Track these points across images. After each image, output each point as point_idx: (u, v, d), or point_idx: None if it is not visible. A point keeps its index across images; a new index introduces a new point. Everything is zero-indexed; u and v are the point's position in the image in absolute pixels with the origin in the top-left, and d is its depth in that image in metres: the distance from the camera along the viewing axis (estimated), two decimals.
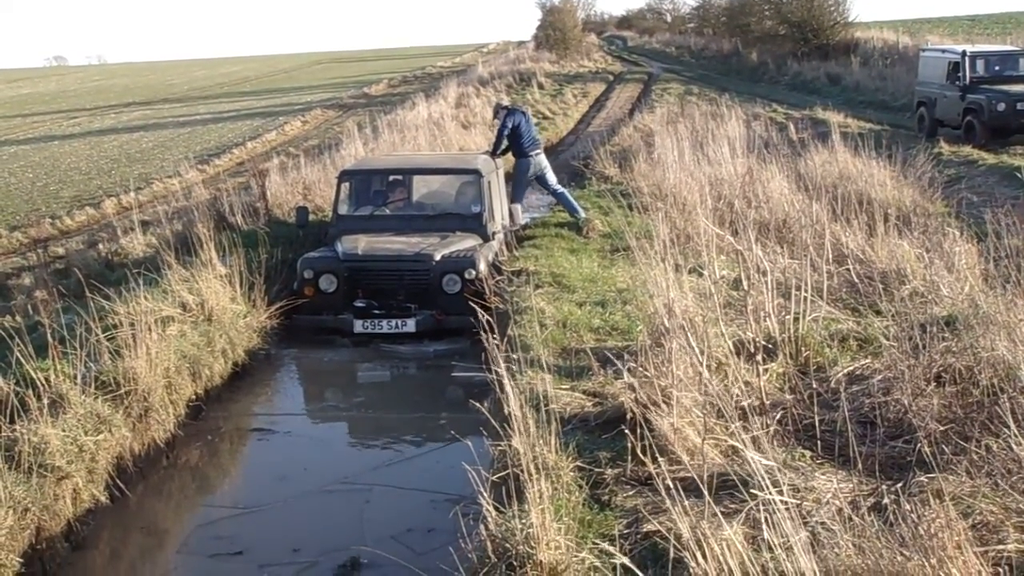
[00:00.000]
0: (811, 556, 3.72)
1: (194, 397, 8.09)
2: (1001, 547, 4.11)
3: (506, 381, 5.43)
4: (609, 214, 12.47)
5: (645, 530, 4.62)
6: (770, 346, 6.50)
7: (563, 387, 6.42)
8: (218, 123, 35.22)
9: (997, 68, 20.34)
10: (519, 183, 13.54)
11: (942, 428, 5.27)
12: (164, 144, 29.76)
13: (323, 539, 6.18)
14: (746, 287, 6.94)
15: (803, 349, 6.62)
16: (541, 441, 5.22)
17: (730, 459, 5.08)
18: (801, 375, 6.35)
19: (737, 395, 5.66)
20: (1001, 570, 3.94)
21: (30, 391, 6.40)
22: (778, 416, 5.67)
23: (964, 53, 20.26)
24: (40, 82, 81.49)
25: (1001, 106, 18.81)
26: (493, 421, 5.43)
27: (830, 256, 8.34)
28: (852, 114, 24.94)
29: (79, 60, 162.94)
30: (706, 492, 4.17)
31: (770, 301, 6.67)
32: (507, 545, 4.53)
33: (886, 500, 4.49)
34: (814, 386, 5.98)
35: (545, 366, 6.21)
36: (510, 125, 13.18)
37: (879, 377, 5.99)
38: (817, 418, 5.49)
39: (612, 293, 8.91)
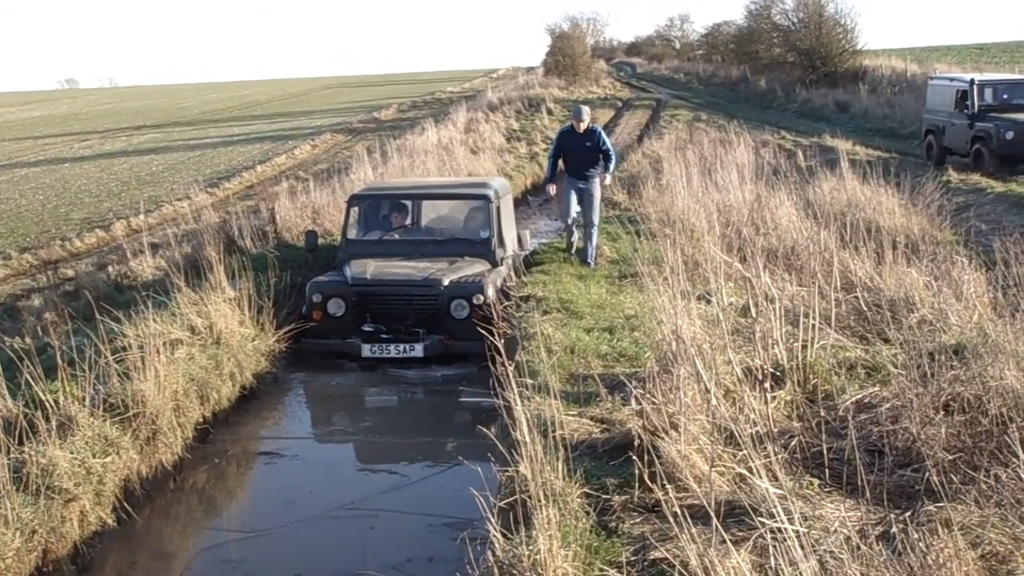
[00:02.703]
0: None
1: (202, 420, 8.10)
2: None
3: (514, 406, 5.43)
4: (617, 240, 12.49)
5: (652, 557, 4.60)
6: (778, 373, 6.49)
7: (571, 413, 6.42)
8: (228, 146, 35.36)
9: (1005, 96, 20.37)
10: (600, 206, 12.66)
11: (951, 457, 5.26)
12: (174, 167, 29.88)
13: (328, 564, 6.18)
14: (754, 314, 6.94)
15: (811, 377, 6.61)
16: (549, 467, 5.21)
17: (738, 486, 5.07)
18: (809, 403, 6.33)
19: (745, 422, 5.65)
20: None
21: (39, 413, 6.41)
22: (786, 444, 5.66)
23: (972, 81, 20.31)
24: (52, 104, 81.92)
25: (1010, 134, 18.82)
26: (501, 447, 5.43)
27: (838, 284, 8.33)
28: (860, 141, 24.97)
29: (91, 83, 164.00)
30: (714, 519, 4.16)
31: (778, 328, 6.67)
32: (514, 571, 4.52)
33: (894, 529, 4.47)
34: (822, 414, 5.97)
35: (553, 392, 6.20)
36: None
37: (887, 405, 5.98)
38: (825, 446, 5.48)
39: (620, 319, 8.92)
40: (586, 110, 12.68)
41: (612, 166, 12.51)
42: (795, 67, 43.34)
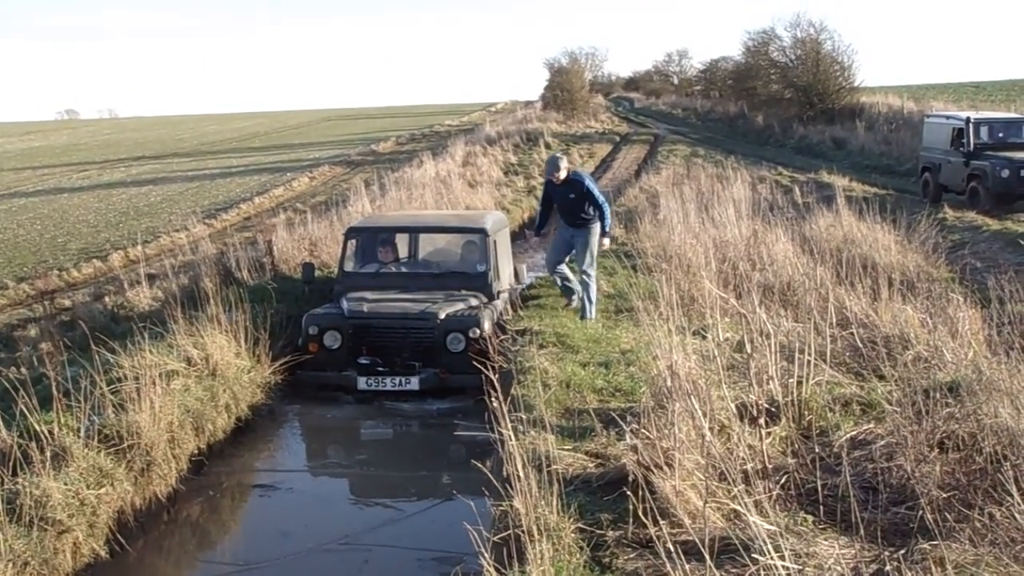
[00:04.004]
0: None
1: (196, 452, 8.07)
2: None
3: (509, 441, 5.43)
4: (614, 275, 12.51)
5: None
6: (773, 409, 6.49)
7: (565, 447, 6.41)
8: (226, 178, 35.48)
9: (1001, 135, 20.51)
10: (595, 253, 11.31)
11: (945, 495, 5.25)
12: (172, 198, 29.96)
13: None
14: (749, 350, 6.94)
15: (806, 413, 6.60)
16: (543, 502, 5.20)
17: (732, 523, 5.06)
18: (804, 439, 6.33)
19: (739, 458, 5.65)
20: None
21: (33, 443, 6.41)
22: (780, 480, 5.66)
23: (968, 120, 20.46)
24: (51, 135, 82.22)
25: (1005, 172, 18.94)
26: (495, 481, 5.42)
27: (834, 320, 8.35)
28: (857, 178, 25.11)
29: (90, 113, 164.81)
30: (707, 556, 4.16)
31: (773, 364, 6.67)
32: None
33: (888, 567, 4.47)
34: (817, 450, 5.96)
35: (548, 426, 6.20)
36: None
37: (882, 442, 5.98)
38: (819, 483, 5.47)
39: (616, 354, 8.92)
40: (560, 161, 11.31)
41: (608, 223, 11.16)
42: (792, 103, 43.58)
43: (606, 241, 11.33)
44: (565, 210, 11.30)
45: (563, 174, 11.16)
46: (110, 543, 6.47)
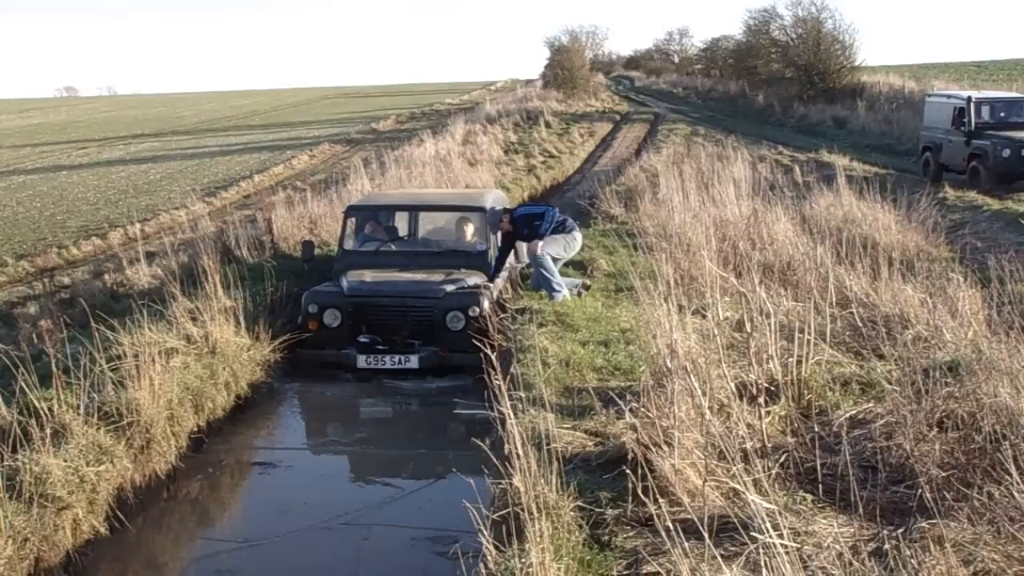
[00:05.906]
0: None
1: (196, 429, 8.09)
2: None
3: (508, 419, 5.43)
4: (614, 254, 12.50)
5: (645, 571, 4.60)
6: (772, 388, 6.48)
7: (565, 426, 6.41)
8: (226, 156, 35.39)
9: (1002, 114, 20.47)
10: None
11: (944, 474, 5.26)
12: (172, 176, 29.90)
13: None
14: (749, 329, 6.94)
15: (805, 392, 6.60)
16: (542, 480, 5.21)
17: (731, 501, 5.06)
18: (803, 418, 6.33)
19: (739, 437, 5.65)
20: None
21: (33, 420, 6.41)
22: (779, 459, 5.66)
23: (969, 99, 20.41)
24: (50, 112, 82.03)
25: (1006, 152, 18.92)
26: (494, 459, 5.42)
27: (834, 299, 8.34)
28: (858, 157, 25.06)
29: (90, 91, 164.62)
30: (706, 534, 4.16)
31: (773, 343, 6.67)
32: None
33: (887, 546, 4.47)
34: (816, 429, 5.97)
35: (547, 405, 6.20)
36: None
37: (881, 422, 5.98)
38: (819, 462, 5.48)
39: (615, 333, 8.92)
40: (495, 216, 11.37)
41: (546, 225, 10.93)
42: (793, 83, 43.48)
43: (538, 247, 10.86)
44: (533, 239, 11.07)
45: (505, 223, 11.17)
46: (110, 520, 6.49)
